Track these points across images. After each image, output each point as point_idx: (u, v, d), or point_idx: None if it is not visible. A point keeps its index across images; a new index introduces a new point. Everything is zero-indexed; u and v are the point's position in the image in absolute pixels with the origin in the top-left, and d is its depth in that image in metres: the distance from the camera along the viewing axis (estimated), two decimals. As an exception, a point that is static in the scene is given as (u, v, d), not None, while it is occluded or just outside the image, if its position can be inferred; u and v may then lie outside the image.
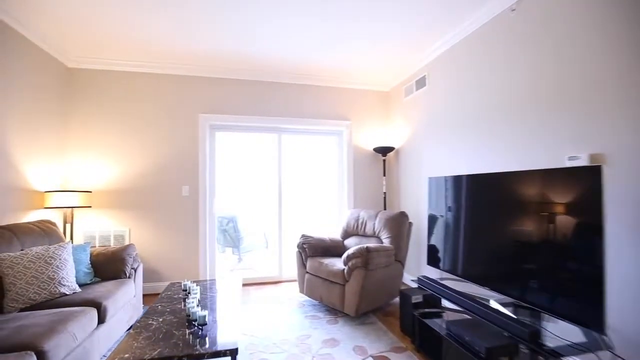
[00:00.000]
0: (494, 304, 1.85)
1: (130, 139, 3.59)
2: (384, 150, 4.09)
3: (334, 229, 4.06)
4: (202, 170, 3.77)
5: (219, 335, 1.64)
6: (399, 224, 3.14)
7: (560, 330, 1.55)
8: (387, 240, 3.12)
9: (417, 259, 3.66)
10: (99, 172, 3.51)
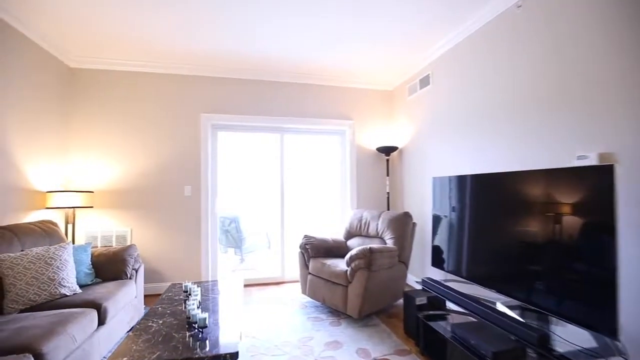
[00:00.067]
0: (501, 307, 1.81)
1: (132, 139, 3.58)
2: (388, 150, 4.05)
3: (337, 230, 4.02)
4: (204, 170, 3.75)
5: (220, 338, 1.61)
6: (403, 225, 3.10)
7: (570, 335, 1.50)
8: (390, 241, 3.08)
9: (421, 260, 3.62)
10: (101, 172, 3.49)
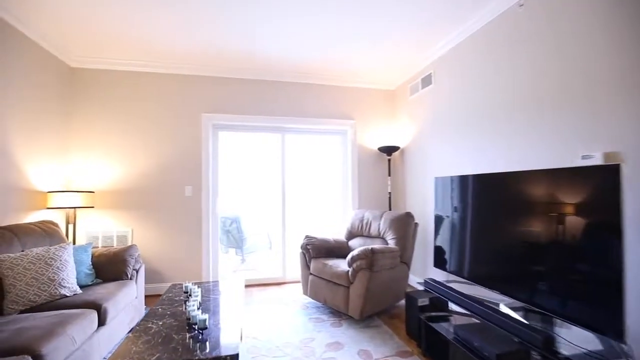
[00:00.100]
0: (504, 308, 1.79)
1: (133, 139, 3.58)
2: (389, 150, 4.03)
3: (338, 230, 4.01)
4: (205, 170, 3.74)
5: (220, 340, 1.59)
6: (405, 225, 3.08)
7: (574, 337, 1.48)
8: (392, 242, 3.06)
9: (423, 261, 3.60)
10: (102, 172, 3.49)
